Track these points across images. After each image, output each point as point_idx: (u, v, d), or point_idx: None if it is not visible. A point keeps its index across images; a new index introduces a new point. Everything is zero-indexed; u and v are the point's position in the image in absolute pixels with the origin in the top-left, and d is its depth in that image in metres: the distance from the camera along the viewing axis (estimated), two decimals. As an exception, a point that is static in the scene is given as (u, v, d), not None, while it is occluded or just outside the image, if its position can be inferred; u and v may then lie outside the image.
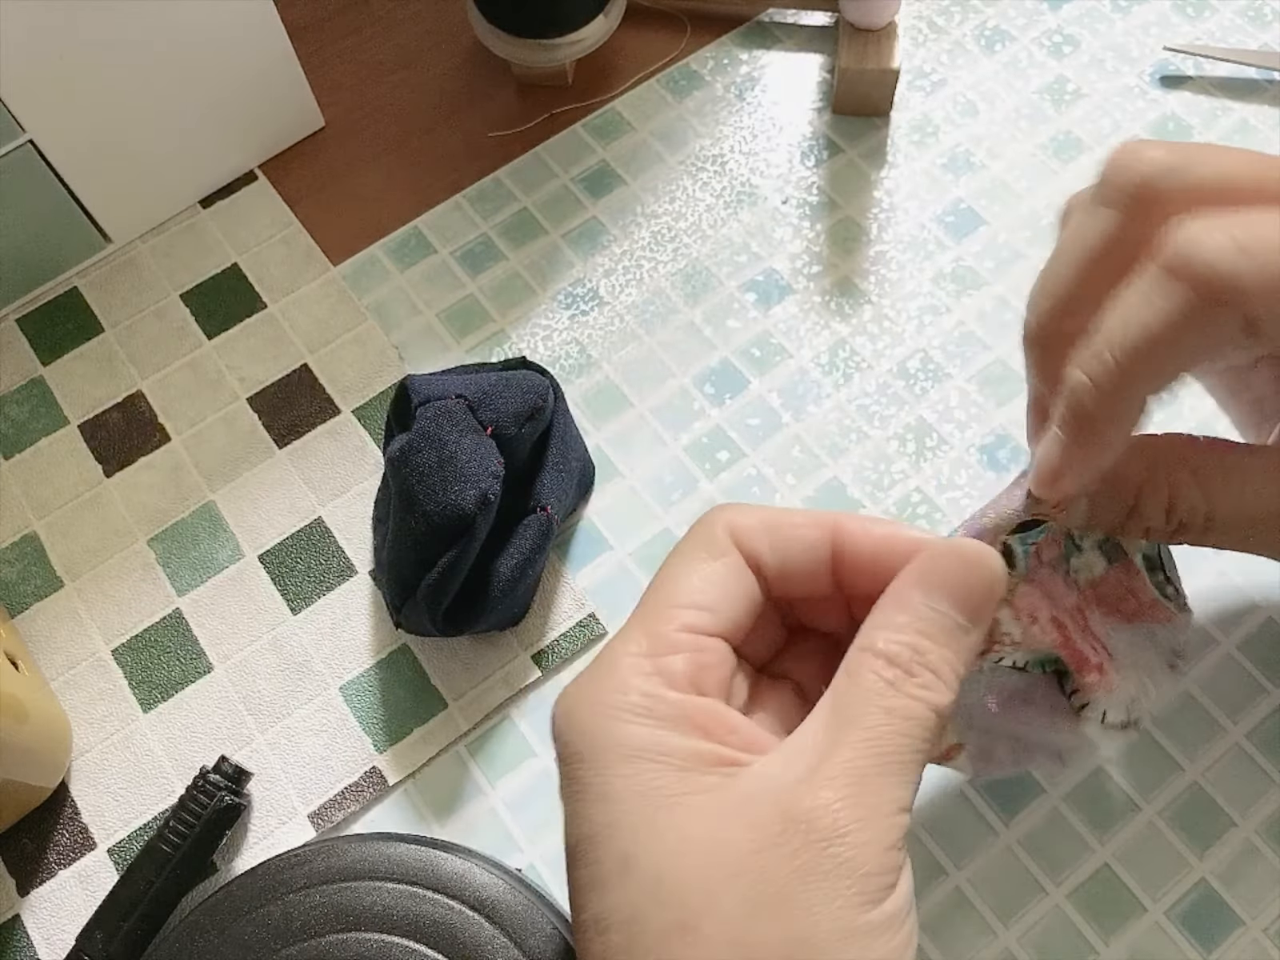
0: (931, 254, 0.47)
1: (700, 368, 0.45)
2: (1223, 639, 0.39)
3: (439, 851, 0.32)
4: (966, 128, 0.50)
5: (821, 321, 0.46)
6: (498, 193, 0.50)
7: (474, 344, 0.46)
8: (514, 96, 0.52)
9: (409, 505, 0.36)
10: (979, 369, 0.44)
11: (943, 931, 0.36)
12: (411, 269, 0.48)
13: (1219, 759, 0.37)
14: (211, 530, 0.43)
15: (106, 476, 0.44)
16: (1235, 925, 0.35)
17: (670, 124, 0.51)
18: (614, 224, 0.49)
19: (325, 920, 0.31)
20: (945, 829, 0.37)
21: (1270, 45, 0.51)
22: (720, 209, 0.49)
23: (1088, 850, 0.36)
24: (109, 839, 0.38)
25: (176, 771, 0.39)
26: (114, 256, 0.49)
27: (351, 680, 0.40)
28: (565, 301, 0.47)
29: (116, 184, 0.47)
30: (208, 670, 0.41)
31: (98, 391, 0.46)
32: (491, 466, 0.36)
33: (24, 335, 0.47)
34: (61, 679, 0.41)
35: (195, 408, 0.45)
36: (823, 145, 0.50)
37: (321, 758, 0.39)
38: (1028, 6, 0.53)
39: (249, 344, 0.47)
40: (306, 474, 0.44)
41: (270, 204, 0.50)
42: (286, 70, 0.48)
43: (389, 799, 0.39)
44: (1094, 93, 0.51)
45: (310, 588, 0.42)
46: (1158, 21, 0.52)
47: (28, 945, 0.37)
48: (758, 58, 0.52)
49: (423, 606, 0.37)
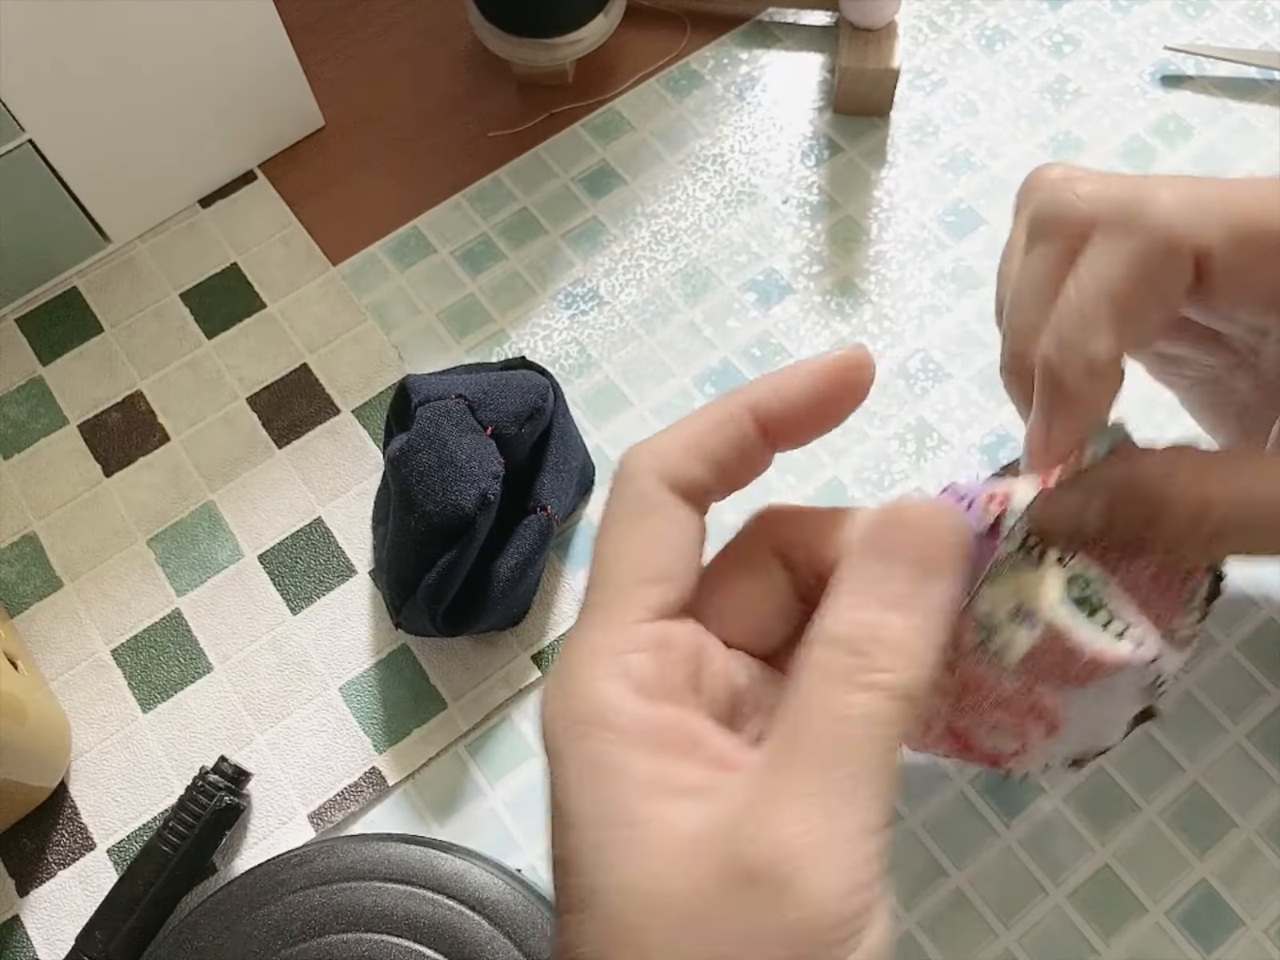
0: (932, 254, 0.47)
1: (700, 368, 0.45)
2: (1223, 639, 0.39)
3: (439, 852, 0.32)
4: (967, 127, 0.50)
5: (822, 321, 0.46)
6: (497, 192, 0.50)
7: (474, 344, 0.46)
8: (514, 96, 0.52)
9: (409, 505, 0.36)
10: (979, 369, 0.44)
11: (943, 932, 0.36)
12: (411, 269, 0.48)
13: (1219, 759, 0.37)
14: (211, 530, 0.43)
15: (106, 476, 0.44)
16: (1236, 926, 0.35)
17: (670, 123, 0.51)
18: (614, 224, 0.49)
19: (325, 920, 0.31)
20: (945, 829, 0.37)
21: (1271, 45, 0.51)
22: (720, 209, 0.49)
23: (1088, 850, 0.36)
24: (108, 839, 0.38)
25: (176, 772, 0.39)
26: (113, 256, 0.49)
27: (351, 680, 0.40)
28: (565, 301, 0.47)
29: (116, 183, 0.47)
30: (207, 670, 0.41)
31: (97, 391, 0.46)
32: (491, 466, 0.36)
33: (23, 335, 0.47)
34: (61, 679, 0.41)
35: (195, 408, 0.45)
36: (823, 145, 0.50)
37: (321, 758, 0.39)
38: (1028, 6, 0.53)
39: (248, 344, 0.47)
40: (306, 474, 0.44)
41: (270, 204, 0.50)
42: (286, 70, 0.48)
43: (389, 799, 0.38)
44: (1094, 92, 0.50)
45: (310, 588, 0.42)
46: (1158, 21, 0.52)
47: (27, 945, 0.37)
48: (758, 57, 0.52)
49: (422, 606, 0.37)
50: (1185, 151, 0.49)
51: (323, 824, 0.38)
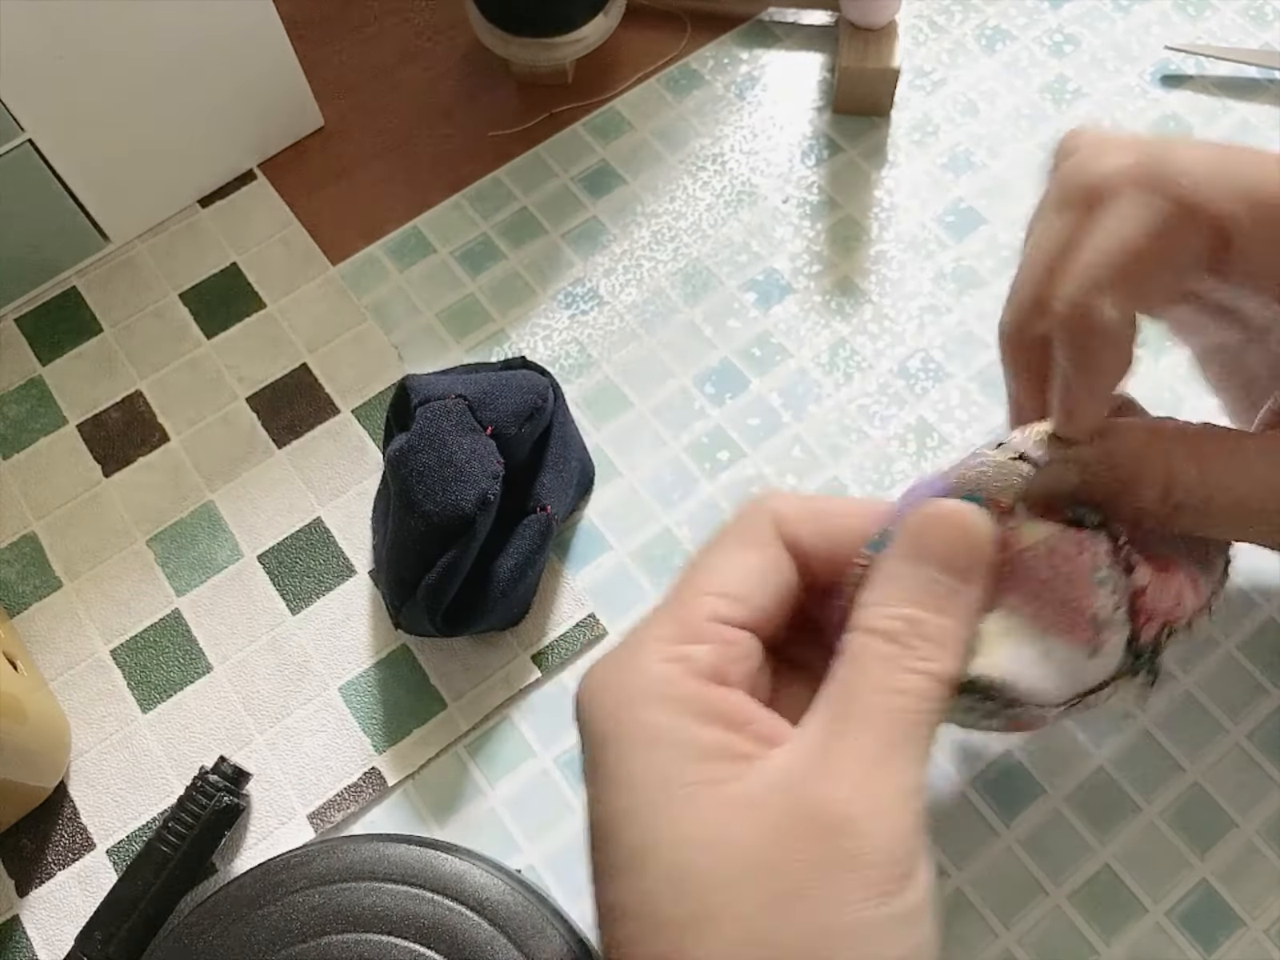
0: (932, 253, 0.47)
1: (700, 367, 0.45)
2: (1223, 639, 0.39)
3: (438, 852, 0.32)
4: (967, 127, 0.50)
5: (822, 321, 0.46)
6: (497, 192, 0.50)
7: (474, 344, 0.46)
8: (514, 96, 0.52)
9: (408, 505, 0.36)
10: (980, 368, 0.44)
11: (943, 932, 0.35)
12: (411, 268, 0.48)
13: (1220, 759, 0.37)
14: (210, 530, 0.43)
15: (105, 476, 0.44)
16: (1236, 926, 0.35)
17: (670, 123, 0.51)
18: (614, 223, 0.48)
19: (325, 921, 0.31)
20: (945, 829, 0.37)
21: (1271, 44, 0.51)
22: (720, 208, 0.49)
23: (1088, 851, 0.36)
24: (108, 839, 0.38)
25: (175, 772, 0.39)
26: (113, 256, 0.49)
27: (351, 680, 0.40)
28: (565, 301, 0.47)
29: (115, 183, 0.46)
30: (207, 670, 0.41)
31: (96, 391, 0.46)
32: (491, 466, 0.36)
33: (23, 335, 0.47)
34: (60, 679, 0.41)
35: (194, 407, 0.45)
36: (823, 144, 0.50)
37: (321, 758, 0.39)
38: (1028, 5, 0.53)
39: (248, 344, 0.47)
40: (306, 474, 0.44)
41: (269, 203, 0.50)
42: (286, 69, 0.48)
43: (388, 799, 0.38)
44: (1095, 92, 0.50)
45: (309, 588, 0.42)
46: (1159, 21, 0.52)
47: (26, 946, 0.37)
48: (758, 57, 0.52)
49: (422, 607, 0.37)
50: (1186, 151, 0.49)
51: (322, 824, 0.38)
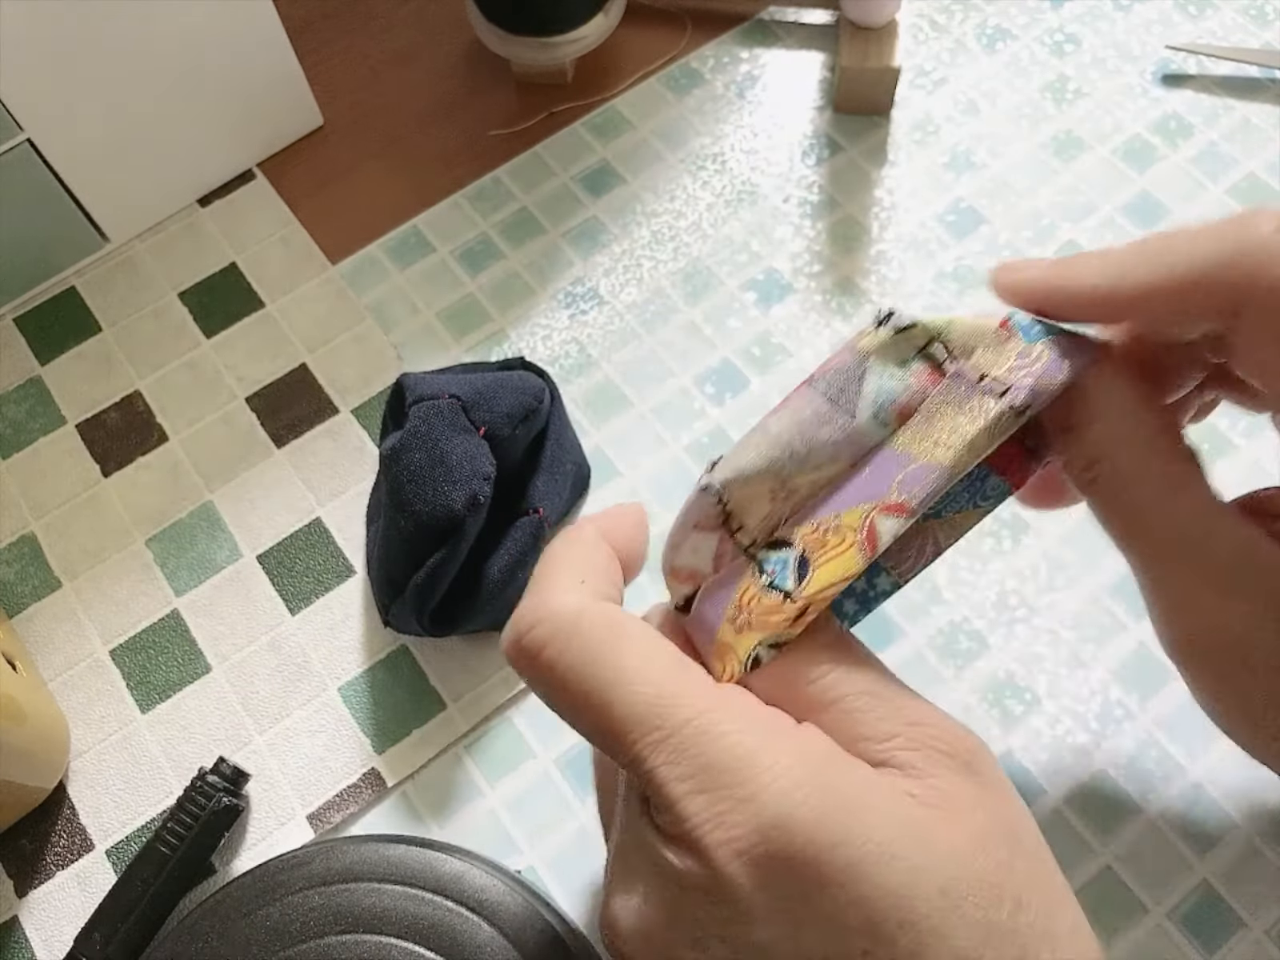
0: (933, 253, 0.47)
1: (701, 367, 0.45)
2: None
3: (438, 853, 0.32)
4: (967, 126, 0.50)
5: (822, 321, 0.46)
6: (497, 191, 0.49)
7: (473, 343, 0.46)
8: (513, 95, 0.52)
9: (399, 504, 0.36)
10: (980, 368, 0.44)
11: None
12: (411, 268, 0.48)
13: (1220, 759, 0.37)
14: (210, 530, 0.43)
15: (104, 476, 0.44)
16: (1237, 927, 0.35)
17: (670, 122, 0.51)
18: (614, 223, 0.48)
19: (324, 922, 0.31)
20: (946, 830, 0.37)
21: (1272, 44, 0.51)
22: (721, 208, 0.48)
23: (1089, 852, 0.36)
24: (107, 840, 0.38)
25: (175, 772, 0.39)
26: (112, 256, 0.49)
27: (350, 681, 0.40)
28: (565, 301, 0.47)
29: (114, 183, 0.46)
30: (206, 671, 0.41)
31: (95, 391, 0.46)
32: (482, 468, 0.36)
33: (22, 335, 0.47)
34: (59, 680, 0.41)
35: (193, 407, 0.45)
36: (823, 144, 0.50)
37: (320, 759, 0.39)
38: (1029, 5, 0.53)
39: (247, 343, 0.47)
40: (305, 474, 0.44)
41: (269, 203, 0.50)
42: (285, 69, 0.48)
43: (388, 800, 0.38)
44: (1095, 91, 0.50)
45: (309, 588, 0.42)
46: (1159, 20, 0.52)
47: (26, 946, 0.37)
48: (758, 56, 0.52)
49: (410, 606, 0.37)
50: (1186, 151, 0.49)
51: (322, 825, 0.38)
